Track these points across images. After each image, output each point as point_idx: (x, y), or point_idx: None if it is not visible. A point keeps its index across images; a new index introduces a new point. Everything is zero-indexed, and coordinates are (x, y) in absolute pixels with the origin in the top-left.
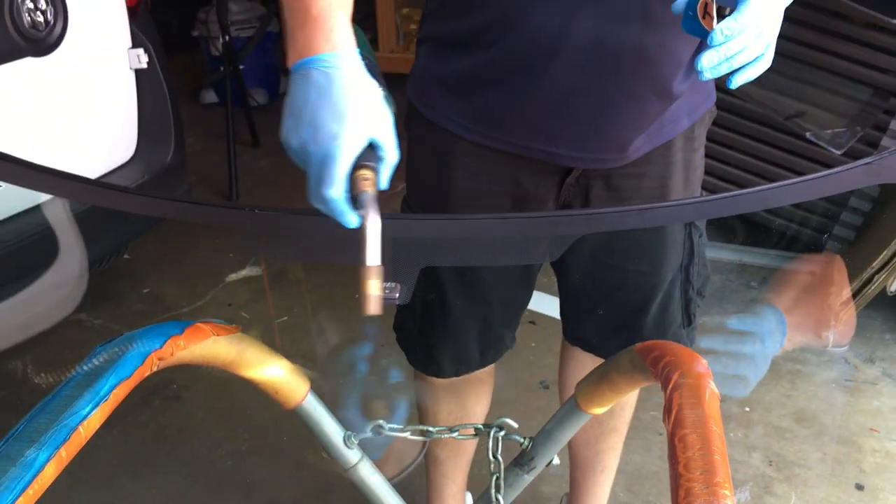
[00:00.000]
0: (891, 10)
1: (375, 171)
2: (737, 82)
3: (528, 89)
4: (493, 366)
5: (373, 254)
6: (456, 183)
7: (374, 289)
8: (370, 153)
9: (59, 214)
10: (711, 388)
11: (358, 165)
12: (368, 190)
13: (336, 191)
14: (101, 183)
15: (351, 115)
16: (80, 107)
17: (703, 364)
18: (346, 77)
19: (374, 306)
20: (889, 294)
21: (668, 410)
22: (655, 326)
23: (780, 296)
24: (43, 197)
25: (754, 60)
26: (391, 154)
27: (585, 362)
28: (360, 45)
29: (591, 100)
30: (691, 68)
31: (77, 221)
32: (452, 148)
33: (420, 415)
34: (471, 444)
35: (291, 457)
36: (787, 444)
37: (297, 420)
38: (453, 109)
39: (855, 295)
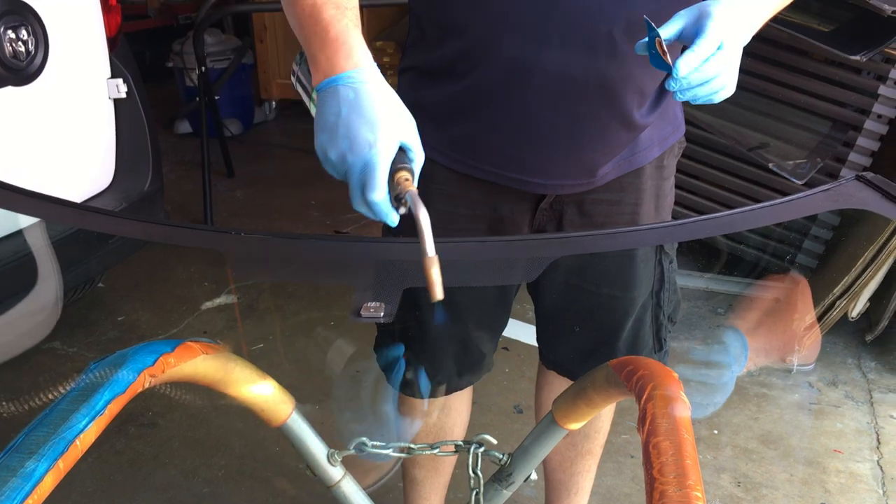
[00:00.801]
0: (849, 47)
1: (411, 171)
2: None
3: (499, 117)
4: (471, 387)
5: (430, 245)
6: (434, 207)
7: (437, 276)
8: (402, 155)
9: (38, 241)
10: (682, 399)
11: (395, 169)
12: (411, 188)
13: (380, 194)
14: (89, 207)
15: (382, 123)
16: (60, 135)
17: (674, 377)
18: (371, 90)
19: (438, 292)
20: (850, 319)
21: (642, 420)
22: (627, 351)
23: (743, 319)
24: (22, 224)
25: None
26: (419, 154)
27: (561, 386)
28: None
29: (559, 128)
30: (657, 100)
31: (53, 249)
32: (431, 174)
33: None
34: (448, 466)
35: (268, 483)
36: (755, 466)
37: (272, 447)
38: (432, 136)
39: (818, 320)
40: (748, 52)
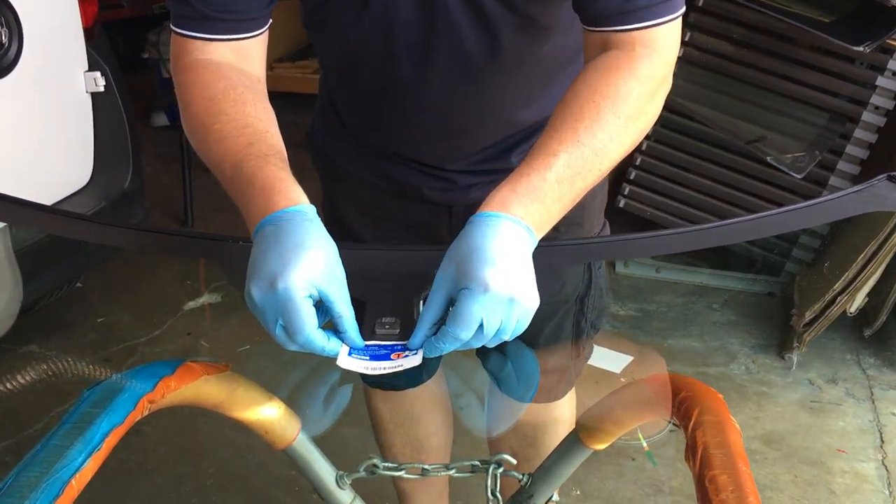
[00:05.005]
0: (852, 38)
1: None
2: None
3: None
4: (440, 398)
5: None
6: (348, 213)
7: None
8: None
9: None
10: (733, 424)
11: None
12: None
13: (309, 328)
14: (68, 212)
15: (293, 256)
16: (35, 131)
17: (719, 398)
18: (290, 228)
19: None
20: (849, 314)
21: (692, 449)
22: (544, 354)
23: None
24: None
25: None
26: (338, 301)
27: None
28: None
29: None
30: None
31: (32, 250)
32: (343, 181)
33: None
34: (439, 479)
35: (259, 491)
36: (759, 467)
37: (263, 454)
38: (341, 145)
39: (818, 317)
40: (742, 42)
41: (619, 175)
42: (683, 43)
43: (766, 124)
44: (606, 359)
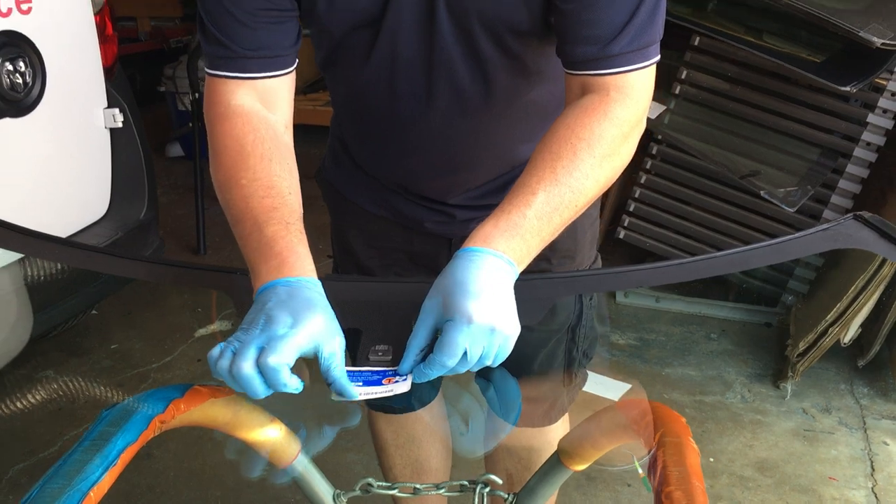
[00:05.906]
0: (839, 78)
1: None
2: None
3: (397, 166)
4: (439, 423)
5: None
6: (355, 243)
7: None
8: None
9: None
10: (692, 446)
11: None
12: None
13: (282, 359)
14: (82, 245)
15: (306, 316)
16: (56, 166)
17: (682, 422)
18: (308, 294)
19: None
20: (843, 345)
21: (653, 467)
22: (537, 381)
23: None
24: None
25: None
26: (332, 363)
27: None
28: None
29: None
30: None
31: (50, 280)
32: (352, 212)
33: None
34: (436, 498)
35: None
36: (751, 494)
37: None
38: (351, 180)
39: (811, 347)
40: (736, 79)
41: (619, 207)
42: (679, 80)
43: (759, 159)
44: (604, 386)
